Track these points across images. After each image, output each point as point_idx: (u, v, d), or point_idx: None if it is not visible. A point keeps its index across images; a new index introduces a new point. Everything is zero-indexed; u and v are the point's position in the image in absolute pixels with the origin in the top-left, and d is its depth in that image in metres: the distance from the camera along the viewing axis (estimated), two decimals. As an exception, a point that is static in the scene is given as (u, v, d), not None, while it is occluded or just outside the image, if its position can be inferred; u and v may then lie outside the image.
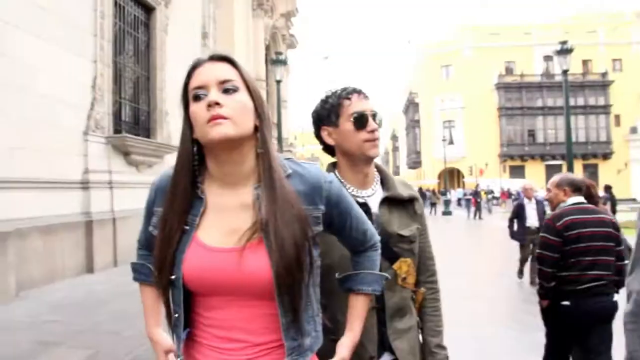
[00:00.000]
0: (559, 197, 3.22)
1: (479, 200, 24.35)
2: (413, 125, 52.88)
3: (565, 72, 9.78)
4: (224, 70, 1.08)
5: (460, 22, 48.23)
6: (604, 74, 41.74)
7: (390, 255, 1.51)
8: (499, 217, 22.32)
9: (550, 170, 38.27)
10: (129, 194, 9.05)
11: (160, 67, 10.67)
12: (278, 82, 10.14)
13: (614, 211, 11.49)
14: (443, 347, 1.63)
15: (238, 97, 1.06)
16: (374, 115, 1.53)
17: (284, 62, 10.03)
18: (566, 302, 2.91)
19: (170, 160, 10.78)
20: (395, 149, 77.55)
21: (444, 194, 31.89)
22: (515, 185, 30.72)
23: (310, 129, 1.71)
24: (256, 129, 1.10)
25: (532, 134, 41.92)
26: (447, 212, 27.60)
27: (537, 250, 3.25)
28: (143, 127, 10.35)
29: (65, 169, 7.51)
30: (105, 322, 5.28)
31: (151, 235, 1.19)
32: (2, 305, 5.59)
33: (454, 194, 36.45)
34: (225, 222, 1.10)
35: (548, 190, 3.39)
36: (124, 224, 8.70)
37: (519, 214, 7.78)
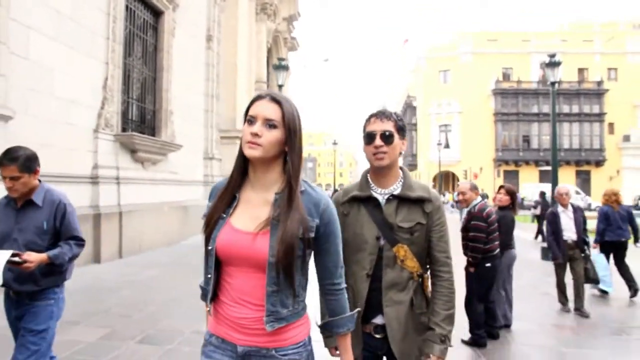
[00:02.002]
0: (472, 197, 4.81)
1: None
2: (410, 128, 53.35)
3: (553, 83, 10.27)
4: (271, 110, 1.46)
5: (459, 28, 48.71)
6: (599, 83, 42.35)
7: (390, 240, 1.92)
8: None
9: (544, 176, 38.86)
10: (134, 190, 9.53)
11: (166, 69, 11.14)
12: (280, 86, 10.61)
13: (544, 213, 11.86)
14: (440, 327, 1.92)
15: (274, 132, 1.46)
16: (383, 134, 1.93)
17: (285, 68, 10.51)
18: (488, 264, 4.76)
19: (173, 158, 11.26)
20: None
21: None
22: (536, 190, 30.24)
23: (309, 129, 2.34)
24: (286, 154, 1.50)
25: (527, 139, 42.49)
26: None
27: (473, 234, 4.65)
28: (149, 126, 10.82)
29: (76, 165, 7.97)
30: (115, 306, 5.74)
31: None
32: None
33: (447, 197, 36.90)
34: (252, 213, 1.51)
35: (463, 193, 4.81)
36: (129, 218, 9.17)
37: (553, 224, 6.19)
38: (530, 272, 8.70)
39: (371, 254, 1.93)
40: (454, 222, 25.01)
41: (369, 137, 1.96)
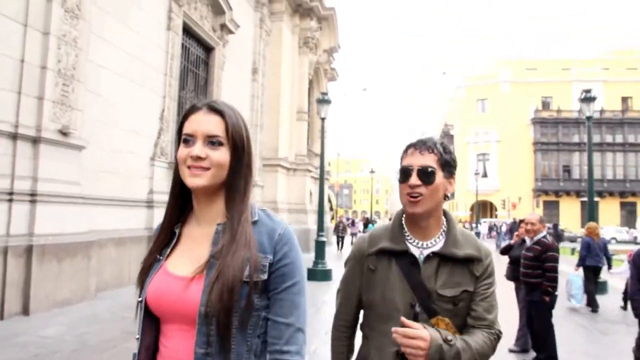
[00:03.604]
0: (540, 229, 5.16)
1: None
2: (447, 156, 53.07)
3: (589, 118, 10.36)
4: (213, 125, 1.15)
5: (498, 56, 48.73)
6: (644, 112, 41.29)
7: (428, 310, 1.48)
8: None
9: (586, 206, 37.84)
10: (185, 214, 10.14)
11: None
12: (323, 119, 11.13)
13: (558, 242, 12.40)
14: (461, 341, 1.46)
15: (220, 152, 1.14)
16: (421, 171, 1.51)
17: (328, 102, 11.02)
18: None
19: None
20: (429, 178, 77.43)
21: (475, 226, 32.06)
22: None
23: (345, 156, 2.06)
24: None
25: (567, 169, 41.61)
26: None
27: (551, 264, 4.95)
28: (198, 154, 11.50)
29: (135, 190, 8.64)
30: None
31: None
32: (85, 302, 6.63)
33: (483, 226, 36.43)
34: (193, 252, 1.18)
35: (533, 224, 5.12)
36: (179, 240, 9.75)
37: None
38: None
39: (403, 326, 1.44)
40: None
41: (404, 174, 1.55)
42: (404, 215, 1.66)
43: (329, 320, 1.65)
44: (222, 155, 1.16)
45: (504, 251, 6.24)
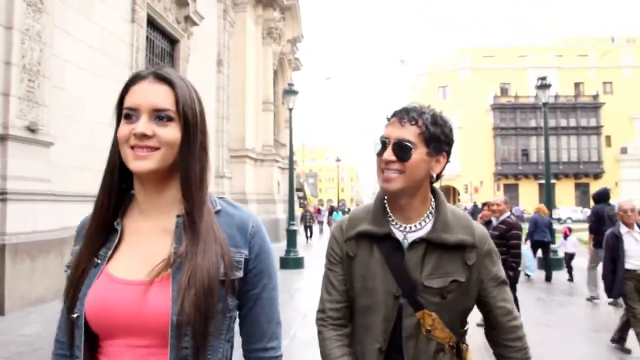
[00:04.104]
0: (505, 209, 5.57)
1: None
2: (410, 143, 54.11)
3: (545, 104, 10.92)
4: (160, 96, 0.98)
5: (458, 44, 49.78)
6: (595, 96, 43.19)
7: (413, 302, 1.34)
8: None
9: (543, 189, 39.45)
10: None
11: (182, 93, 11.82)
12: (290, 110, 11.27)
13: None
14: None
15: (170, 129, 0.97)
16: (398, 145, 1.33)
17: (295, 92, 11.15)
18: None
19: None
20: (393, 165, 78.86)
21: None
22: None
23: (310, 145, 1.76)
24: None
25: (525, 153, 43.21)
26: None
27: (515, 241, 5.36)
28: (166, 147, 11.46)
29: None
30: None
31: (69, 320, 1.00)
32: (60, 299, 6.60)
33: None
34: (142, 250, 1.00)
35: (498, 204, 5.61)
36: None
37: (613, 249, 4.84)
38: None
39: (387, 319, 1.35)
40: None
41: (380, 147, 1.38)
42: (386, 195, 1.46)
43: (304, 306, 1.55)
44: (172, 132, 0.98)
45: None
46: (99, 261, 1.00)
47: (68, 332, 1.00)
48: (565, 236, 9.42)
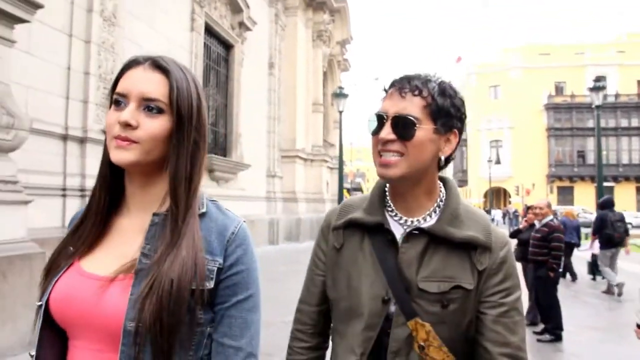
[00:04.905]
0: (548, 213, 5.76)
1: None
2: (460, 144, 53.03)
3: (598, 107, 10.67)
4: (153, 85, 0.92)
5: (508, 44, 48.48)
6: (660, 95, 40.93)
7: (405, 308, 1.08)
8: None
9: (603, 192, 37.75)
10: (211, 205, 10.77)
11: (236, 96, 12.40)
12: (340, 112, 11.59)
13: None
14: None
15: (158, 121, 0.91)
16: (398, 120, 1.09)
17: (345, 95, 11.47)
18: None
19: (241, 176, 12.43)
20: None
21: (488, 212, 32.38)
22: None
23: (358, 145, 1.49)
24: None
25: (581, 154, 41.51)
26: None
27: (557, 244, 5.60)
28: (221, 148, 12.05)
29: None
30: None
31: None
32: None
33: (495, 213, 36.73)
34: (118, 247, 0.95)
35: (541, 208, 5.77)
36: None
37: None
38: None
39: (370, 327, 1.11)
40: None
41: (377, 123, 1.13)
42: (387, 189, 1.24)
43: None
44: (160, 125, 0.91)
45: (513, 234, 6.80)
46: (73, 250, 0.95)
47: (34, 322, 0.93)
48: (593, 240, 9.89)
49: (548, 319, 5.55)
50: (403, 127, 1.09)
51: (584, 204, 37.52)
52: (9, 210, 4.11)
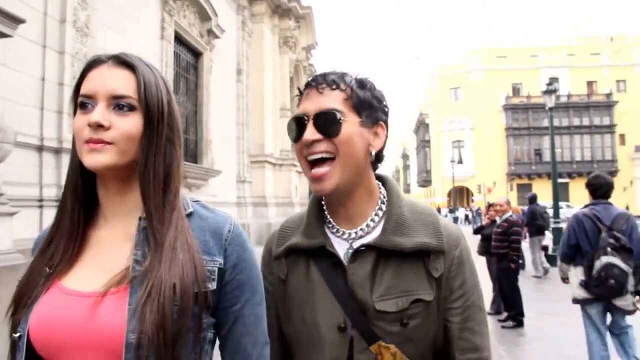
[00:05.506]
0: (507, 209, 6.28)
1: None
2: (423, 144, 54.50)
3: (551, 109, 11.38)
4: (120, 81, 0.88)
5: (468, 46, 50.10)
6: (609, 95, 43.20)
7: (364, 332, 1.01)
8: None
9: (558, 187, 39.50)
10: (184, 211, 10.83)
11: (206, 103, 12.50)
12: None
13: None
14: None
15: (131, 119, 0.87)
16: (321, 117, 1.02)
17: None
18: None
19: (212, 183, 12.53)
20: (406, 167, 79.23)
21: (452, 211, 33.35)
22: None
23: None
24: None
25: (538, 153, 43.35)
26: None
27: (516, 237, 6.14)
28: (191, 155, 12.13)
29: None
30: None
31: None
32: None
33: (460, 212, 37.90)
34: (101, 260, 0.89)
35: (501, 205, 5.87)
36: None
37: None
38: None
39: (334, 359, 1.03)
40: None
41: (293, 129, 1.09)
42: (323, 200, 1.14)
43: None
44: (133, 123, 0.88)
45: (477, 231, 7.32)
46: (50, 271, 0.87)
47: (10, 357, 0.86)
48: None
49: (510, 307, 6.00)
50: (327, 123, 1.02)
51: (542, 200, 39.03)
52: (-4, 222, 4.18)
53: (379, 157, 1.11)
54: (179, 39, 11.32)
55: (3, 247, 4.29)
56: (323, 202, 1.15)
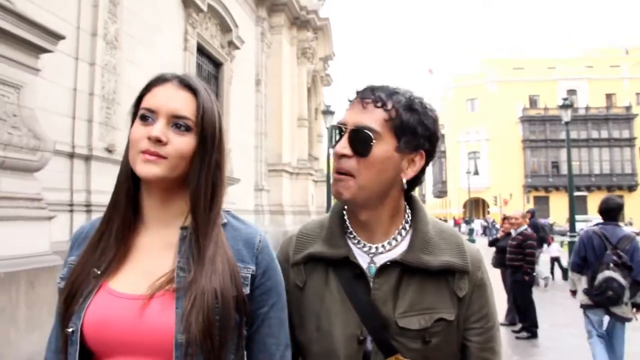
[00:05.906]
0: (522, 223, 6.40)
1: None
2: (439, 155, 54.35)
3: (567, 123, 11.43)
4: (182, 103, 0.95)
5: (485, 56, 50.01)
6: (628, 107, 42.66)
7: (383, 347, 1.02)
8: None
9: (575, 201, 38.97)
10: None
11: (226, 112, 12.79)
12: (328, 129, 12.13)
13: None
14: None
15: (186, 139, 0.94)
16: (355, 134, 1.02)
17: (332, 113, 12.01)
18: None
19: (231, 191, 12.78)
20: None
21: (468, 222, 33.17)
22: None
23: None
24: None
25: (555, 165, 42.92)
26: (471, 240, 28.91)
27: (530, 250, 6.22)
28: (211, 162, 12.44)
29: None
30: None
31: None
32: None
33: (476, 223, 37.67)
34: (143, 265, 0.96)
35: (516, 218, 5.87)
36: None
37: None
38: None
39: None
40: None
41: (331, 137, 1.10)
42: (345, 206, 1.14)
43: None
44: (187, 143, 0.95)
45: (492, 243, 7.40)
46: (99, 273, 0.94)
47: (62, 349, 0.94)
48: (549, 244, 11.59)
49: (525, 318, 6.09)
50: (360, 141, 1.01)
51: (559, 213, 38.73)
52: (35, 226, 4.44)
53: (413, 183, 1.10)
54: (200, 50, 11.66)
55: (42, 249, 4.54)
56: (344, 212, 1.15)
